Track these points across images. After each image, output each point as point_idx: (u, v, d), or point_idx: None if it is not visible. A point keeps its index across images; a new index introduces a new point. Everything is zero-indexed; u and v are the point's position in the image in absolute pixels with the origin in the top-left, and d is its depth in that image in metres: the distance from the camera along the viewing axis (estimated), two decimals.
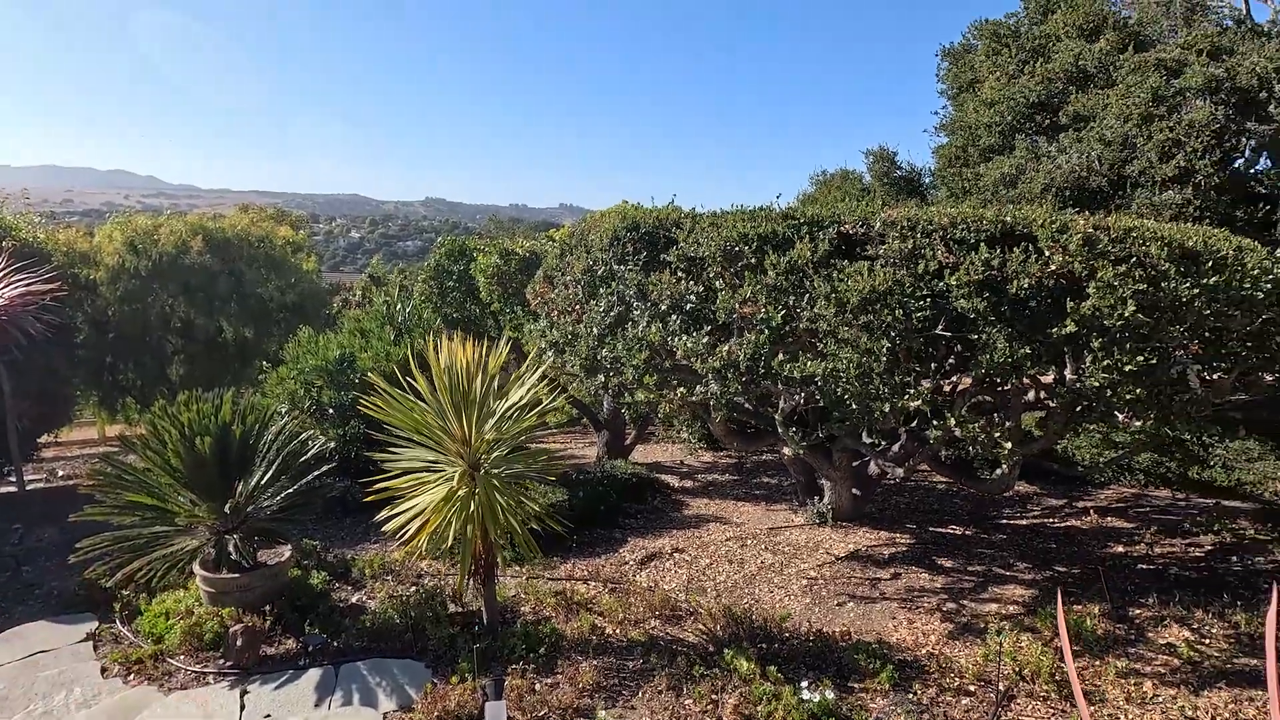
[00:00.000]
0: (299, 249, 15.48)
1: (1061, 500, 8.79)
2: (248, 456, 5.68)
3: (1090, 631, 4.89)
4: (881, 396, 4.60)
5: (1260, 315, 4.66)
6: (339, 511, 8.60)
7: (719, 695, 4.17)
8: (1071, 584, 6.07)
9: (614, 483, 8.54)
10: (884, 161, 16.10)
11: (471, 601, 5.70)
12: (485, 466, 4.93)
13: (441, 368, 4.93)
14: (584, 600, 5.77)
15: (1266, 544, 6.80)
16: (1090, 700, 4.18)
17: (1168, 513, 8.10)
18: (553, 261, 7.00)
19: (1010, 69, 13.43)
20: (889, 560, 6.73)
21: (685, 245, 5.48)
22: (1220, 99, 10.46)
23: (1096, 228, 4.59)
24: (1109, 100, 11.33)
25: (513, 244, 10.26)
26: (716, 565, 6.72)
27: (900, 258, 4.61)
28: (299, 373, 8.76)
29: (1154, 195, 10.58)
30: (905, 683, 4.40)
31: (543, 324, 6.72)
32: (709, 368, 5.07)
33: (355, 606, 5.80)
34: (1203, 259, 4.53)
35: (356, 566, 6.49)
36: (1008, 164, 12.13)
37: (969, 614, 5.50)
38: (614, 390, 6.11)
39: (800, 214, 5.36)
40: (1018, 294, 4.38)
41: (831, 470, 7.40)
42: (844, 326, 4.60)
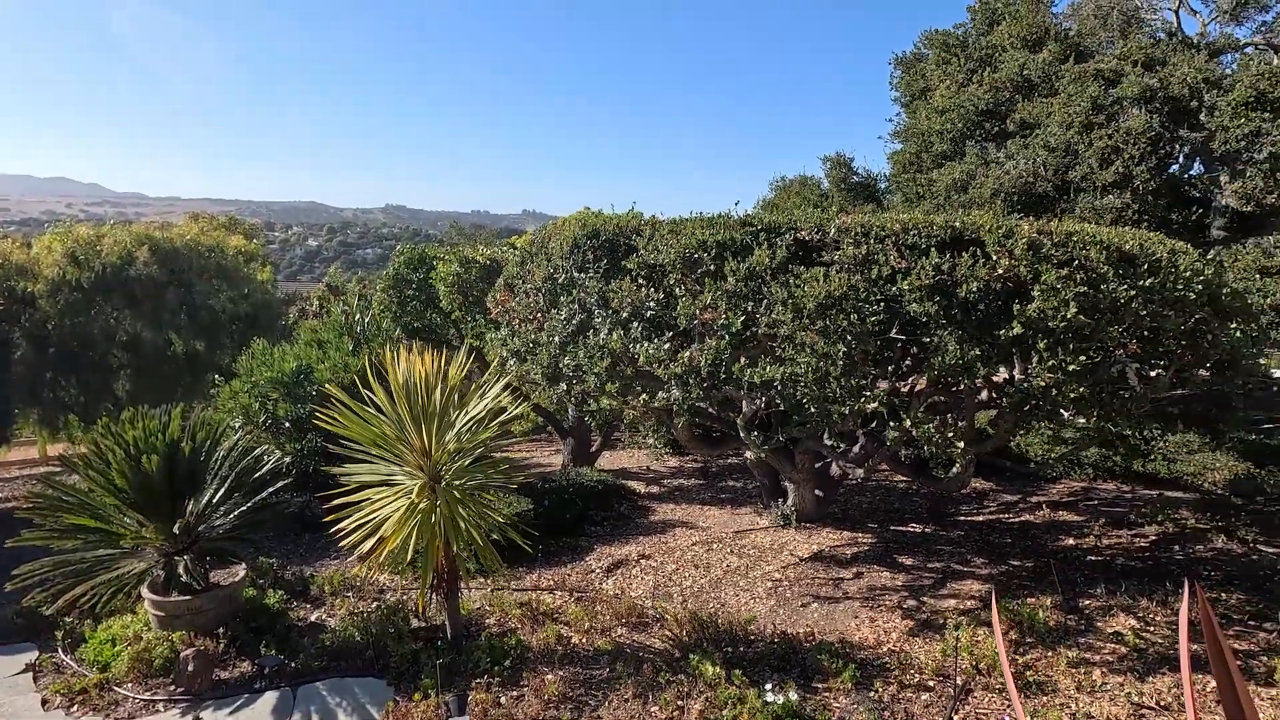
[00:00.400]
0: (252, 258, 15.08)
1: (1016, 496, 9.05)
2: (198, 474, 5.51)
3: (1043, 624, 5.04)
4: (839, 399, 4.68)
5: (1193, 315, 4.89)
6: (297, 528, 8.39)
7: (685, 701, 4.18)
8: (1025, 577, 6.25)
9: (580, 490, 8.50)
10: (841, 168, 16.45)
11: (435, 616, 5.61)
12: (446, 478, 4.86)
13: (400, 379, 4.85)
14: (550, 610, 5.73)
15: (1206, 532, 7.11)
16: (1043, 691, 4.31)
17: (1115, 505, 8.41)
18: (514, 269, 6.96)
19: (959, 77, 13.86)
20: (851, 560, 6.84)
21: (646, 252, 5.51)
22: (1155, 108, 10.96)
23: (1040, 232, 4.76)
24: (1052, 109, 11.77)
25: (473, 252, 10.16)
26: (683, 570, 6.74)
27: (855, 263, 4.71)
28: (253, 386, 8.53)
29: (1096, 200, 11.02)
30: (867, 681, 4.47)
31: (504, 332, 6.67)
32: (671, 374, 5.10)
33: (314, 625, 5.66)
34: (1139, 262, 4.74)
35: (316, 584, 6.33)
36: (959, 170, 12.50)
37: (928, 610, 5.62)
38: (577, 398, 6.10)
39: (758, 221, 5.44)
40: (967, 297, 4.51)
41: (794, 472, 7.50)
42: (801, 331, 4.68)
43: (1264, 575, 5.88)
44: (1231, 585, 5.85)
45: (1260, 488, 8.56)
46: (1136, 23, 13.53)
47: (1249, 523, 7.39)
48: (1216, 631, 0.95)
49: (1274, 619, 5.18)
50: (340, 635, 5.22)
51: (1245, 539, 6.93)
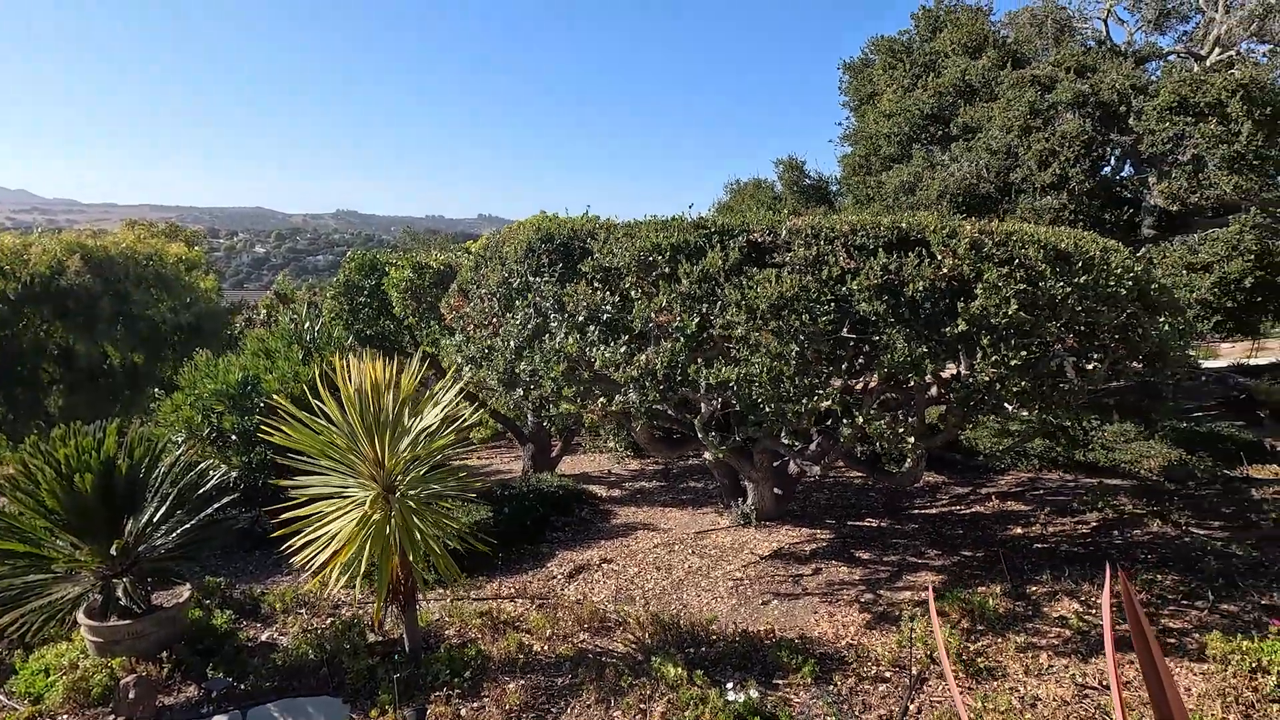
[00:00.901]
0: (194, 266, 14.54)
1: (967, 488, 9.33)
2: (137, 492, 5.27)
3: (993, 611, 5.21)
4: (793, 398, 4.75)
5: (1125, 309, 5.12)
6: (247, 544, 8.11)
7: (647, 704, 4.18)
8: (976, 567, 6.44)
9: (540, 496, 8.44)
10: (793, 171, 16.75)
11: (393, 629, 5.49)
12: (401, 488, 4.77)
13: (351, 388, 4.74)
14: (511, 619, 5.66)
15: (1142, 517, 7.45)
16: (994, 676, 4.44)
17: (1059, 494, 8.75)
18: (467, 274, 6.87)
19: (905, 82, 14.26)
20: (810, 556, 6.95)
21: (600, 256, 5.50)
22: (1087, 112, 11.47)
23: (982, 232, 4.92)
24: (993, 113, 12.21)
25: (427, 257, 9.99)
26: (645, 573, 6.74)
27: (805, 264, 4.79)
28: (196, 398, 8.21)
29: (1035, 200, 11.47)
30: (826, 675, 4.55)
31: (459, 338, 6.58)
32: (627, 377, 5.10)
33: (265, 644, 5.47)
34: (1074, 259, 4.94)
35: (267, 601, 6.13)
36: (906, 172, 12.87)
37: (885, 603, 5.75)
38: (535, 403, 6.05)
39: (711, 223, 5.49)
40: (914, 296, 4.63)
41: (753, 471, 7.58)
42: (755, 332, 4.73)
43: (1196, 556, 6.18)
44: (1166, 567, 6.14)
45: (1191, 473, 9.01)
46: (1069, 31, 14.16)
47: (1181, 507, 7.77)
48: (1139, 613, 0.99)
49: (1205, 598, 5.45)
50: (293, 654, 5.06)
51: (1178, 522, 7.28)
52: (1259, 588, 5.61)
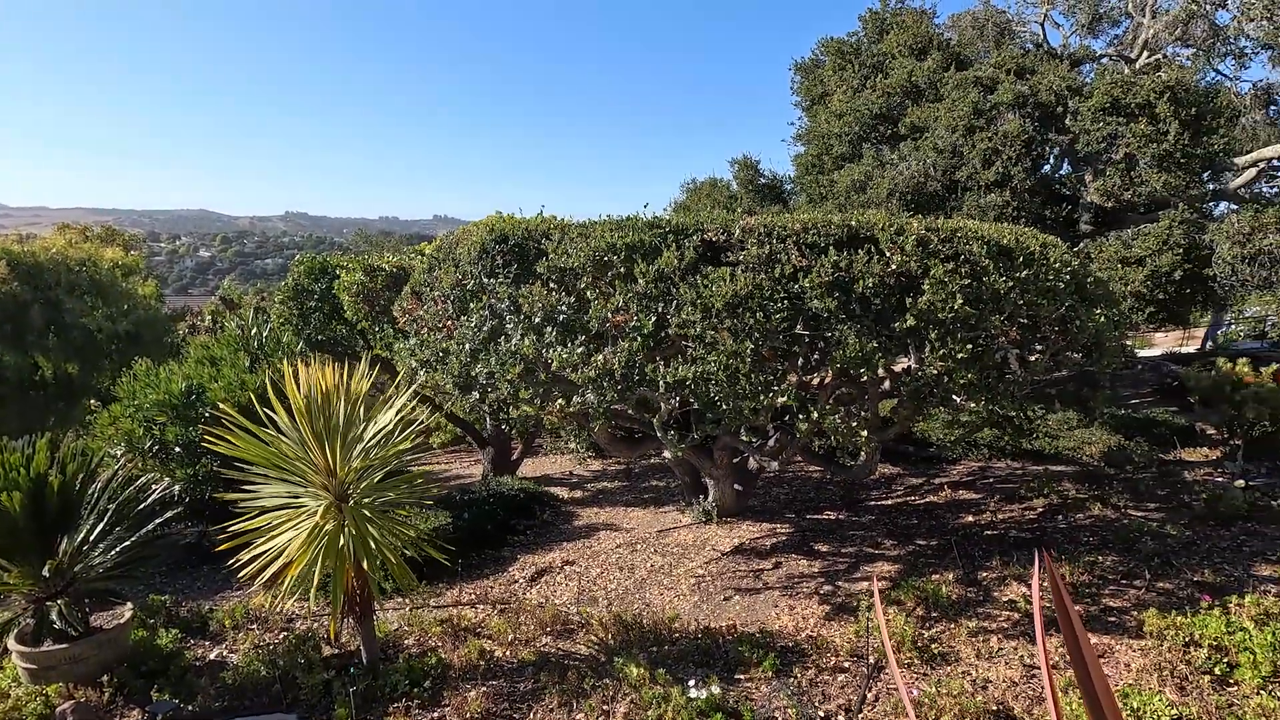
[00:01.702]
0: (132, 272, 13.95)
1: (921, 479, 9.57)
2: (72, 510, 5.03)
3: (946, 598, 5.35)
4: (750, 395, 4.80)
5: (1063, 302, 5.32)
6: (194, 560, 7.83)
7: (610, 705, 4.18)
8: (931, 555, 6.62)
9: (500, 500, 8.36)
10: (748, 170, 16.94)
11: (349, 641, 5.36)
12: (355, 496, 4.65)
13: (300, 395, 4.60)
14: (472, 625, 5.58)
15: (1084, 502, 7.76)
16: (947, 661, 4.57)
17: (1008, 481, 9.05)
18: (420, 276, 6.75)
19: (854, 83, 14.55)
20: (771, 550, 7.04)
21: (555, 256, 5.47)
22: (1027, 112, 11.88)
23: (928, 229, 5.05)
24: (939, 113, 12.55)
25: (379, 259, 9.78)
26: (607, 574, 6.73)
27: (759, 263, 4.84)
28: (136, 410, 7.88)
29: (980, 198, 11.83)
30: (787, 668, 4.61)
31: (412, 342, 6.46)
32: (585, 378, 5.08)
33: (214, 663, 5.28)
34: (1015, 255, 5.11)
35: (216, 619, 5.91)
36: (857, 171, 13.13)
37: (844, 594, 5.86)
38: (492, 406, 5.98)
39: (666, 223, 5.50)
40: (864, 292, 4.73)
41: (714, 469, 7.64)
42: (711, 330, 4.77)
43: (1134, 537, 6.46)
44: (1107, 548, 6.40)
45: (1129, 458, 9.42)
46: (1009, 34, 14.65)
47: (1120, 490, 8.12)
48: (1065, 596, 1.02)
49: (1142, 577, 5.71)
50: (244, 671, 4.89)
51: (1118, 505, 7.61)
52: (1192, 565, 5.90)
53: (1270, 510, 7.07)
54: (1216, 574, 5.69)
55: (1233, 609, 4.65)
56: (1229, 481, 8.11)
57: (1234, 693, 3.95)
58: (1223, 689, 4.00)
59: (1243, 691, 3.93)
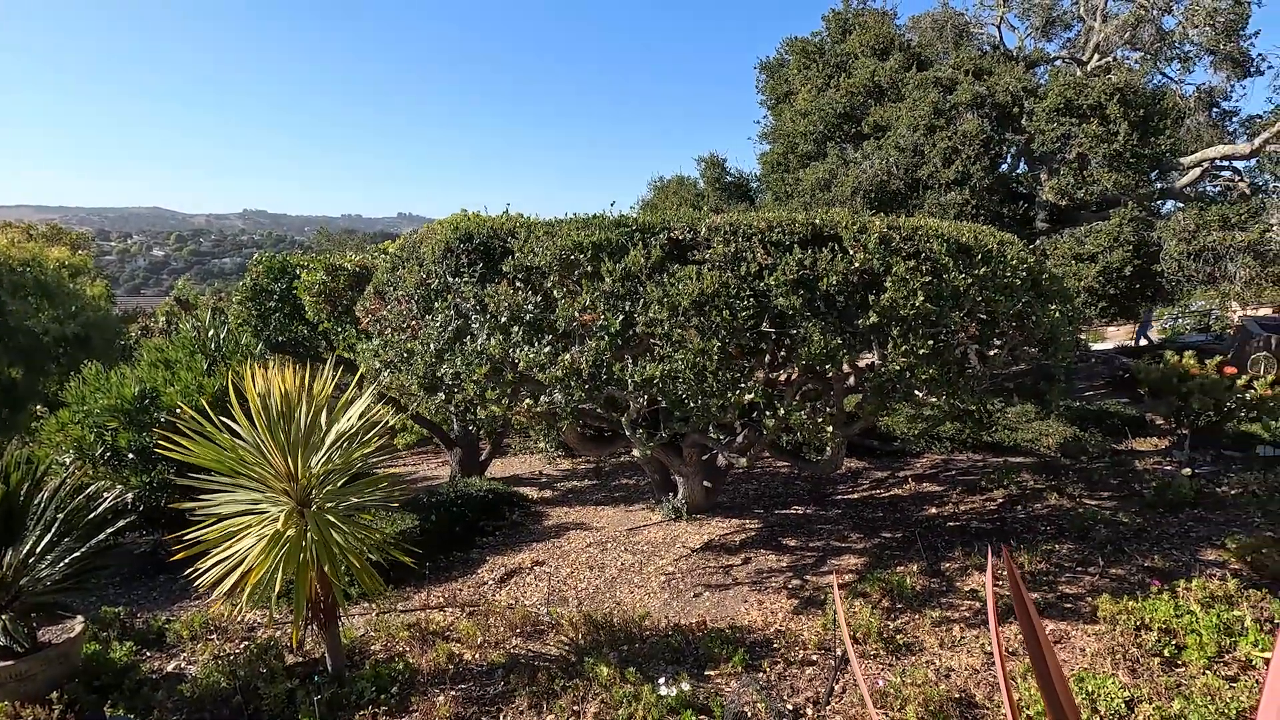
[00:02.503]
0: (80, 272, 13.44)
1: (886, 472, 9.75)
2: (16, 520, 4.83)
3: (910, 589, 5.46)
4: (717, 392, 4.83)
5: (1020, 298, 5.47)
6: (149, 570, 7.59)
7: (580, 705, 4.17)
8: (896, 547, 6.74)
9: (468, 501, 8.27)
10: (715, 168, 17.03)
11: (314, 649, 5.25)
12: (318, 501, 4.56)
13: (258, 398, 4.49)
14: (440, 629, 5.52)
15: (1042, 492, 7.99)
16: (911, 651, 4.66)
17: (969, 473, 9.27)
18: (383, 276, 6.63)
19: (819, 82, 14.72)
20: (740, 546, 7.09)
21: (522, 255, 5.42)
22: (985, 113, 12.16)
23: (890, 228, 5.14)
24: (900, 112, 12.77)
25: (342, 259, 9.59)
26: (577, 573, 6.71)
27: (725, 261, 4.87)
28: (86, 415, 7.59)
29: (941, 196, 12.08)
30: (756, 662, 4.65)
31: (376, 342, 6.35)
32: (552, 377, 5.05)
33: (172, 675, 5.13)
34: (974, 252, 5.23)
35: (173, 630, 5.74)
36: (822, 169, 13.29)
37: (811, 588, 5.94)
38: (458, 407, 5.91)
39: (633, 221, 5.50)
40: (828, 290, 4.79)
41: (683, 466, 7.67)
42: (678, 329, 4.78)
43: (1088, 526, 6.68)
44: (1064, 537, 6.61)
45: (1084, 448, 9.73)
46: (967, 36, 14.97)
47: (1076, 480, 8.38)
48: (1021, 589, 1.05)
49: (1096, 564, 5.90)
50: (203, 683, 4.76)
51: (1073, 495, 7.85)
52: (1142, 551, 6.12)
53: (1214, 497, 7.37)
54: (1165, 559, 5.91)
55: (1180, 593, 4.83)
56: (1176, 470, 8.42)
57: (1182, 673, 4.11)
58: (1171, 670, 4.16)
59: (1190, 672, 4.09)
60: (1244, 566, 5.55)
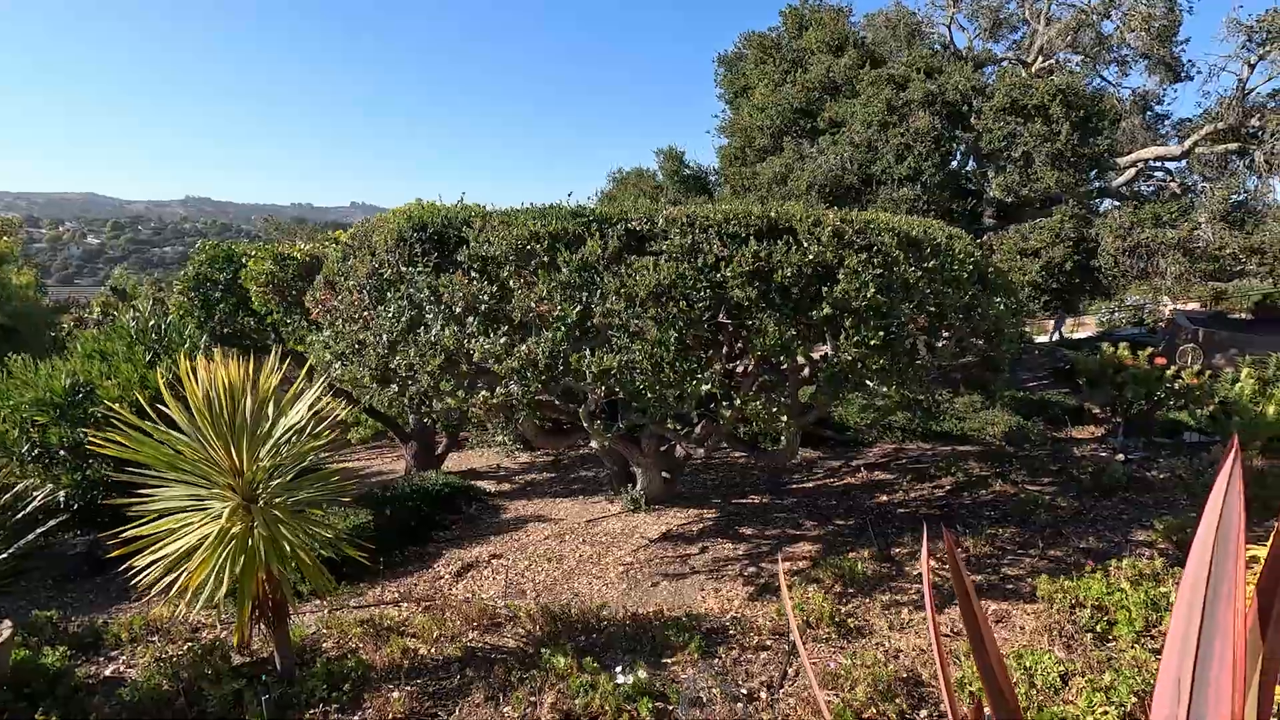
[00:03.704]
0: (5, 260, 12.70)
1: (840, 462, 9.97)
2: None
3: (861, 574, 5.61)
4: (674, 383, 4.86)
5: (967, 291, 5.64)
6: (85, 571, 7.25)
7: (537, 696, 4.16)
8: (848, 534, 6.91)
9: (424, 495, 8.14)
10: (674, 160, 17.06)
11: (262, 649, 5.11)
12: (264, 497, 4.42)
13: (200, 391, 4.32)
14: (395, 624, 5.43)
15: (987, 479, 8.29)
16: (862, 634, 4.79)
17: (919, 462, 9.55)
18: (334, 265, 6.46)
19: (776, 77, 14.87)
20: (698, 536, 7.17)
21: (477, 245, 5.34)
22: (936, 110, 12.46)
23: (843, 221, 5.23)
24: (855, 109, 12.99)
25: (290, 248, 9.30)
26: (535, 566, 6.68)
27: (682, 252, 4.89)
28: (12, 410, 7.20)
29: (894, 191, 12.35)
30: (712, 649, 4.71)
31: (326, 334, 6.18)
32: (509, 368, 5.00)
33: (110, 680, 4.92)
34: (924, 246, 5.37)
35: (110, 633, 5.51)
36: (779, 163, 13.44)
37: (767, 575, 6.04)
38: (413, 399, 5.80)
39: (590, 212, 5.47)
40: (783, 282, 4.86)
41: (641, 457, 7.69)
42: (635, 320, 4.78)
43: (1029, 510, 6.95)
44: (1007, 521, 6.87)
45: (1027, 436, 10.12)
46: (919, 35, 15.31)
47: (1019, 467, 8.71)
48: (960, 571, 1.09)
49: (1036, 546, 6.15)
50: (143, 687, 4.58)
51: (1016, 481, 8.16)
52: (1078, 533, 6.41)
53: (1145, 481, 7.76)
54: (1100, 540, 6.20)
55: (1112, 572, 5.08)
56: (1111, 456, 8.84)
57: (1113, 647, 4.33)
58: (1103, 645, 4.37)
59: (1120, 646, 4.30)
60: (1170, 546, 5.86)
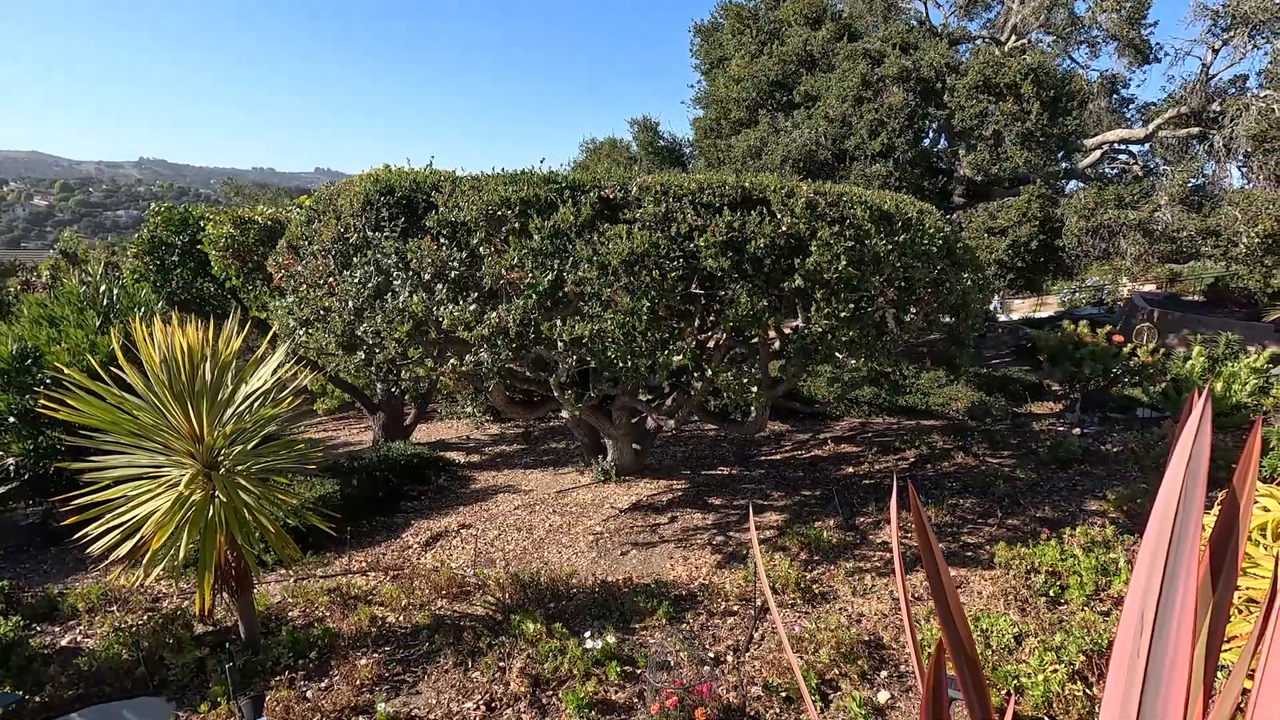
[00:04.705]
0: None
1: (808, 435, 10.11)
2: None
3: (827, 542, 5.73)
4: (645, 353, 4.85)
5: (936, 265, 5.71)
6: (39, 541, 7.07)
7: (506, 661, 4.18)
8: (815, 504, 7.04)
9: (392, 466, 8.07)
10: (648, 131, 16.85)
11: (226, 618, 5.04)
12: (226, 464, 4.32)
13: (157, 355, 4.19)
14: (362, 593, 5.40)
15: (950, 452, 8.49)
16: (826, 599, 4.91)
17: (884, 435, 9.73)
18: (298, 230, 6.27)
19: (753, 49, 14.70)
20: (667, 506, 7.23)
21: (446, 210, 5.22)
22: (910, 87, 12.47)
23: (817, 193, 5.23)
24: (830, 83, 12.93)
25: (251, 212, 9.00)
26: (505, 535, 6.69)
27: (655, 221, 4.85)
28: None
29: (866, 167, 12.38)
30: (680, 615, 4.79)
31: (290, 299, 6.02)
32: (478, 336, 4.93)
33: (67, 650, 4.82)
34: (895, 220, 5.41)
35: (67, 602, 5.38)
36: (753, 137, 13.36)
37: (734, 544, 6.13)
38: (380, 368, 5.70)
39: (562, 179, 5.38)
40: (756, 253, 4.85)
41: (612, 429, 7.70)
42: (607, 288, 4.74)
43: (989, 482, 7.16)
44: (968, 492, 7.06)
45: (989, 411, 10.37)
46: (895, 10, 15.24)
47: (980, 441, 8.94)
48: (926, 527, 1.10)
49: (995, 515, 6.34)
50: (102, 656, 4.50)
51: (978, 454, 8.38)
52: (1035, 503, 6.62)
53: (1100, 454, 8.03)
54: (1055, 510, 6.42)
55: (1066, 539, 5.27)
56: (1068, 431, 9.12)
57: (1064, 610, 4.50)
58: (1055, 608, 4.55)
59: (1071, 609, 4.48)
60: (1121, 515, 6.09)
